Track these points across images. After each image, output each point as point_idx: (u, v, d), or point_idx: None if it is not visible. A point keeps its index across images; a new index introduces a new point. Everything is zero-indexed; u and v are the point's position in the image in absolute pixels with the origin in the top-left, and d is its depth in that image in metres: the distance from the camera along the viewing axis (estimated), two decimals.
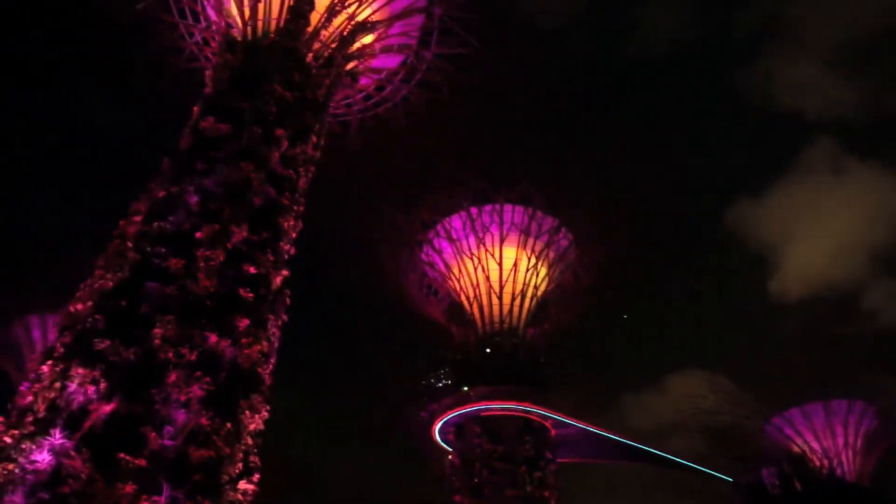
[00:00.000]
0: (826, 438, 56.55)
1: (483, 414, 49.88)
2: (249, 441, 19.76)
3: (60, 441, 16.39)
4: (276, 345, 22.91)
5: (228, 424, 18.73)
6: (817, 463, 53.03)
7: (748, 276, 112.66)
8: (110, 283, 20.14)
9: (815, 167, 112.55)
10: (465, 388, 52.30)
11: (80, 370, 17.77)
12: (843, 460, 55.66)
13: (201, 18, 34.94)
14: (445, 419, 51.79)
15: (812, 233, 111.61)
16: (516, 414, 49.67)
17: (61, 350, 18.66)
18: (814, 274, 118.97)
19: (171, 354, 18.80)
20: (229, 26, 31.00)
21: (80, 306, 19.81)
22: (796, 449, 55.89)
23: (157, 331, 19.03)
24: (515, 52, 37.89)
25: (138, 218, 22.35)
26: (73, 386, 17.53)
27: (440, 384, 66.61)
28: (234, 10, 31.28)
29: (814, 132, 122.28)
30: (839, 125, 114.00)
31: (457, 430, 51.81)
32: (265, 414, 20.72)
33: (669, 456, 57.24)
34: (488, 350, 53.46)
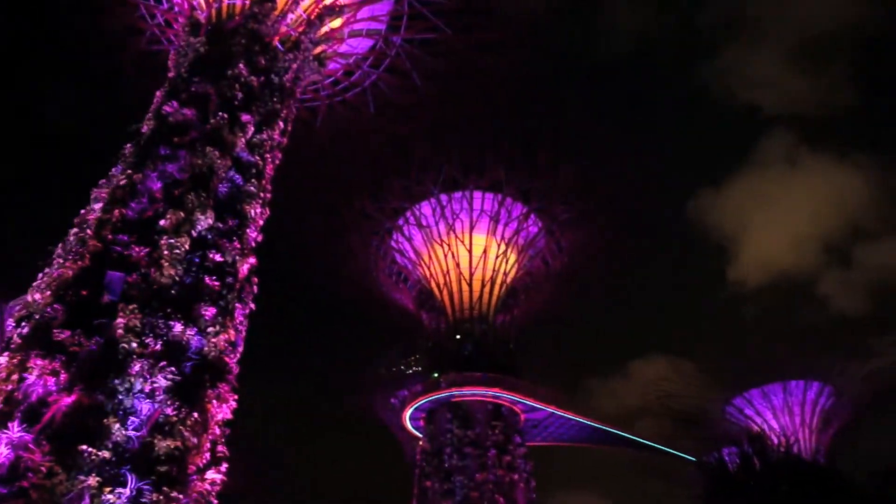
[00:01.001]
0: (784, 417, 58.57)
1: (453, 400, 50.30)
2: (217, 431, 19.55)
3: (19, 434, 16.00)
4: (244, 333, 22.66)
5: (195, 414, 18.49)
6: (776, 441, 54.81)
7: (708, 265, 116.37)
8: (70, 273, 19.63)
9: (772, 159, 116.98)
10: (436, 375, 52.63)
11: (39, 361, 17.31)
12: (799, 438, 57.71)
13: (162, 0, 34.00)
14: (416, 405, 52.10)
15: (769, 223, 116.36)
16: (486, 399, 50.22)
17: (18, 341, 18.16)
18: (770, 263, 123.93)
19: (134, 344, 18.45)
20: (193, 8, 30.20)
21: (38, 296, 19.27)
22: (756, 428, 57.73)
23: (120, 320, 18.64)
24: (485, 39, 37.79)
25: (99, 205, 21.78)
26: (31, 378, 17.08)
27: (411, 371, 66.91)
28: None
29: (771, 125, 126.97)
30: (795, 119, 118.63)
31: (427, 416, 52.19)
32: (233, 403, 20.50)
33: (636, 438, 58.62)
34: (458, 337, 53.79)
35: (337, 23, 33.44)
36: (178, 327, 19.52)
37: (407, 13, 35.86)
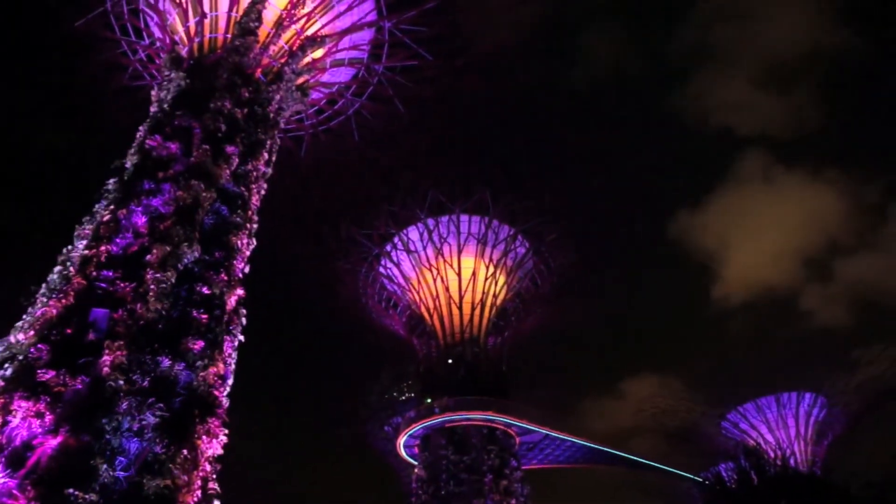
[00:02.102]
0: (779, 430, 58.64)
1: (447, 425, 49.79)
2: (208, 467, 19.17)
3: (2, 480, 15.59)
4: (233, 366, 22.37)
5: (185, 451, 18.14)
6: (772, 455, 54.77)
7: (692, 284, 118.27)
8: (54, 311, 19.35)
9: (748, 179, 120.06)
10: (429, 400, 52.15)
11: (24, 403, 16.94)
12: (795, 451, 57.75)
13: (144, 35, 34.16)
14: (410, 432, 51.48)
15: (748, 241, 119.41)
16: (480, 423, 49.75)
17: (1, 383, 17.78)
18: (753, 279, 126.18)
19: (121, 382, 18.14)
20: (174, 43, 30.39)
21: (21, 336, 18.94)
22: (751, 442, 57.69)
23: (106, 358, 18.34)
24: (464, 66, 38.38)
25: (83, 242, 21.58)
26: (15, 421, 16.70)
27: (403, 397, 66.26)
28: (179, 27, 30.72)
29: (744, 146, 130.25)
30: (767, 139, 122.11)
31: (422, 443, 51.56)
32: (223, 438, 20.14)
33: (632, 457, 58.25)
34: (450, 361, 53.46)
35: (319, 53, 33.76)
36: (166, 362, 19.24)
37: (388, 42, 36.31)
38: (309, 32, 32.55)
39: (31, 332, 18.91)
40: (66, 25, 32.94)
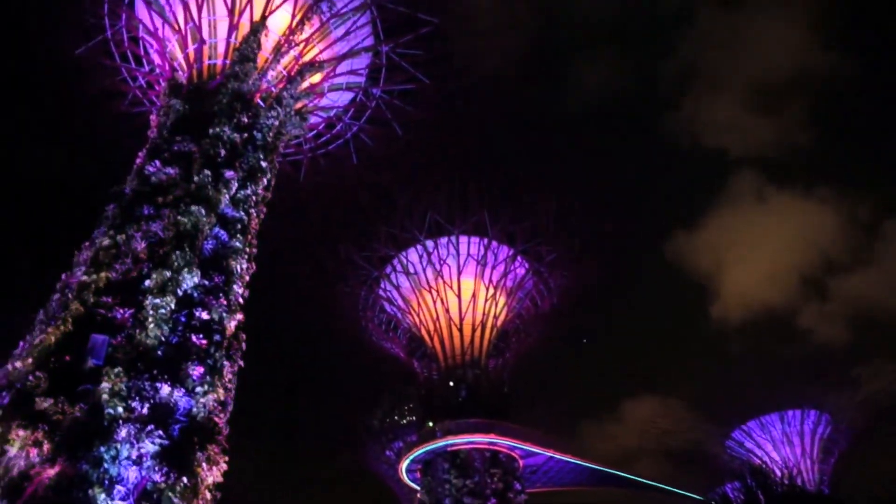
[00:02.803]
0: (784, 448, 58.06)
1: (450, 449, 49.21)
2: (208, 495, 18.87)
3: None
4: (233, 392, 22.14)
5: (185, 479, 17.86)
6: (778, 474, 54.15)
7: (691, 304, 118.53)
8: (52, 338, 19.19)
9: (742, 199, 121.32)
10: (430, 424, 51.61)
11: (21, 432, 16.72)
12: (802, 469, 57.11)
13: (144, 62, 34.46)
14: (412, 457, 50.87)
15: (745, 260, 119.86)
16: (483, 447, 49.17)
17: None
18: (751, 298, 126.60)
19: (120, 409, 17.92)
20: (174, 69, 30.63)
21: (19, 364, 18.77)
22: (757, 461, 57.09)
23: (105, 385, 18.15)
24: (460, 91, 38.82)
25: (81, 269, 21.50)
26: (12, 451, 16.47)
27: (405, 421, 65.64)
28: (179, 54, 31.00)
29: (737, 167, 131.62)
30: (759, 159, 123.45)
31: (424, 467, 50.91)
32: (224, 465, 19.86)
33: (637, 478, 57.52)
34: (451, 383, 53.05)
35: (317, 78, 34.06)
36: (165, 389, 19.04)
37: (385, 65, 36.65)
38: (307, 58, 32.87)
39: (30, 360, 18.73)
40: (66, 52, 33.18)
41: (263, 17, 31.10)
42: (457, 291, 54.41)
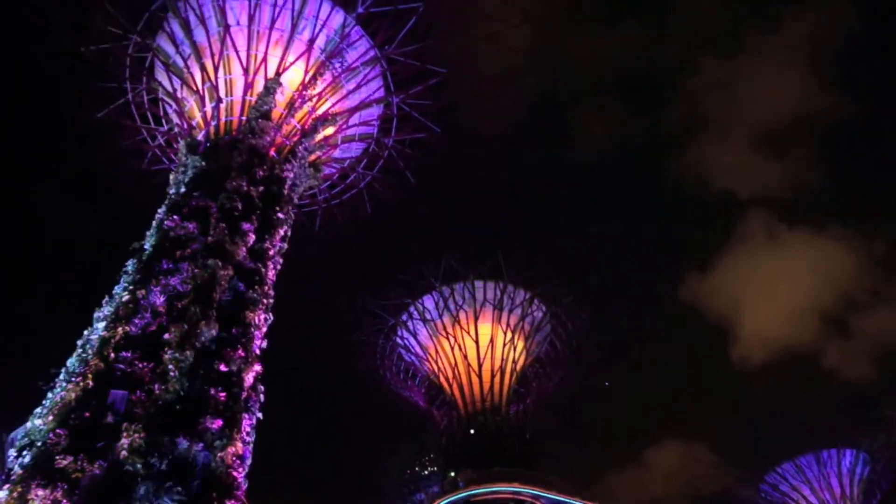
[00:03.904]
0: (822, 491, 55.69)
1: (473, 499, 47.89)
2: None
3: None
4: (251, 445, 21.90)
5: None
6: None
7: (710, 347, 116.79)
8: (73, 395, 19.23)
9: (754, 239, 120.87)
10: (452, 474, 50.43)
11: (41, 492, 16.59)
12: None
13: (163, 121, 35.52)
14: None
15: (761, 300, 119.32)
16: (507, 497, 47.82)
17: (20, 471, 17.47)
18: (771, 339, 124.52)
19: (139, 465, 17.77)
20: (192, 128, 31.53)
21: (39, 422, 18.77)
22: None
23: (124, 441, 18.05)
24: (468, 142, 39.52)
25: (102, 324, 21.69)
26: None
27: (426, 472, 64.21)
28: (197, 112, 31.95)
29: (747, 208, 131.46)
30: (769, 200, 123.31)
31: None
32: None
33: None
34: (472, 431, 52.04)
35: (330, 130, 34.82)
36: (184, 443, 18.90)
37: (396, 116, 37.42)
38: (320, 111, 33.70)
39: (50, 417, 18.74)
40: (89, 116, 34.33)
41: (278, 74, 32.08)
42: (474, 337, 53.95)
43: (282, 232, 28.85)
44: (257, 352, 24.01)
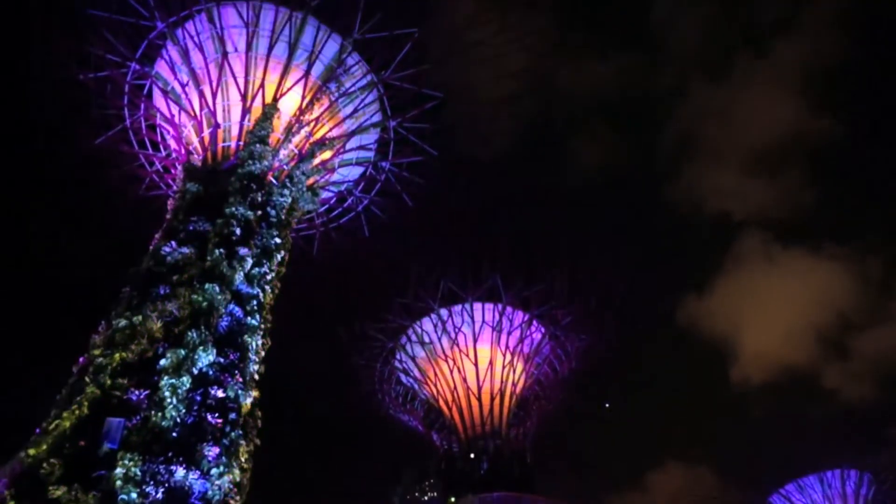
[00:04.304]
0: None
1: None
2: None
3: None
4: (249, 472, 21.60)
5: None
6: None
7: (709, 368, 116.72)
8: (68, 423, 18.99)
9: (750, 260, 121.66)
10: (453, 500, 49.77)
11: None
12: None
13: (161, 147, 35.67)
14: None
15: (759, 321, 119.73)
16: None
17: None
18: (770, 360, 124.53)
19: (134, 495, 17.48)
20: (189, 153, 31.65)
21: (33, 451, 18.49)
22: None
23: (119, 470, 17.78)
24: (463, 166, 39.83)
25: (98, 351, 21.51)
26: None
27: (426, 497, 63.32)
28: (194, 138, 32.11)
29: (742, 229, 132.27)
30: (763, 221, 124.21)
31: None
32: None
33: None
34: (472, 455, 51.47)
35: (327, 154, 35.00)
36: (180, 472, 18.63)
37: (393, 139, 37.68)
38: (318, 136, 33.90)
39: (44, 447, 18.48)
40: (86, 142, 34.48)
41: (275, 100, 32.33)
42: (473, 359, 53.63)
43: (279, 256, 28.81)
44: (255, 377, 23.82)
